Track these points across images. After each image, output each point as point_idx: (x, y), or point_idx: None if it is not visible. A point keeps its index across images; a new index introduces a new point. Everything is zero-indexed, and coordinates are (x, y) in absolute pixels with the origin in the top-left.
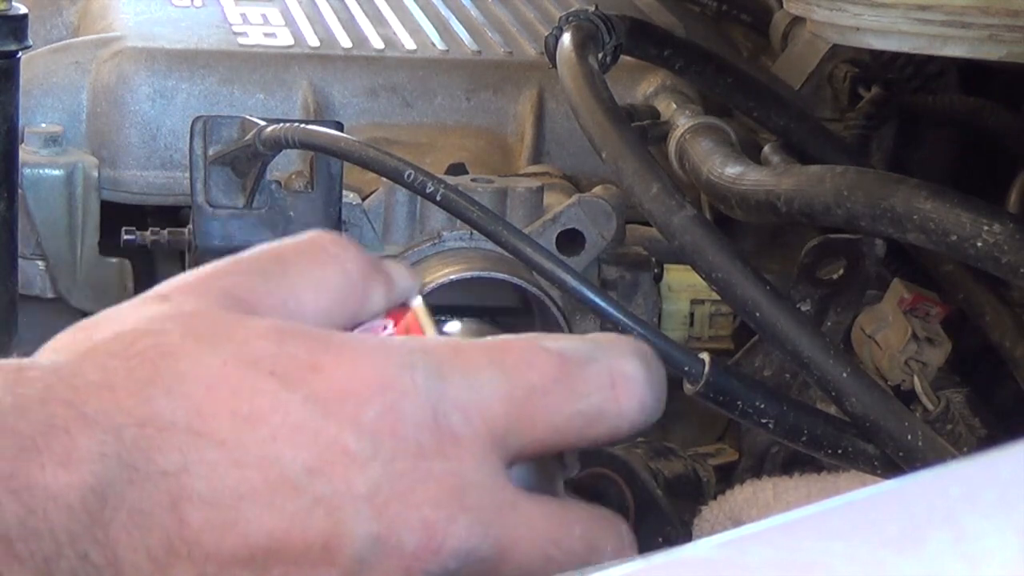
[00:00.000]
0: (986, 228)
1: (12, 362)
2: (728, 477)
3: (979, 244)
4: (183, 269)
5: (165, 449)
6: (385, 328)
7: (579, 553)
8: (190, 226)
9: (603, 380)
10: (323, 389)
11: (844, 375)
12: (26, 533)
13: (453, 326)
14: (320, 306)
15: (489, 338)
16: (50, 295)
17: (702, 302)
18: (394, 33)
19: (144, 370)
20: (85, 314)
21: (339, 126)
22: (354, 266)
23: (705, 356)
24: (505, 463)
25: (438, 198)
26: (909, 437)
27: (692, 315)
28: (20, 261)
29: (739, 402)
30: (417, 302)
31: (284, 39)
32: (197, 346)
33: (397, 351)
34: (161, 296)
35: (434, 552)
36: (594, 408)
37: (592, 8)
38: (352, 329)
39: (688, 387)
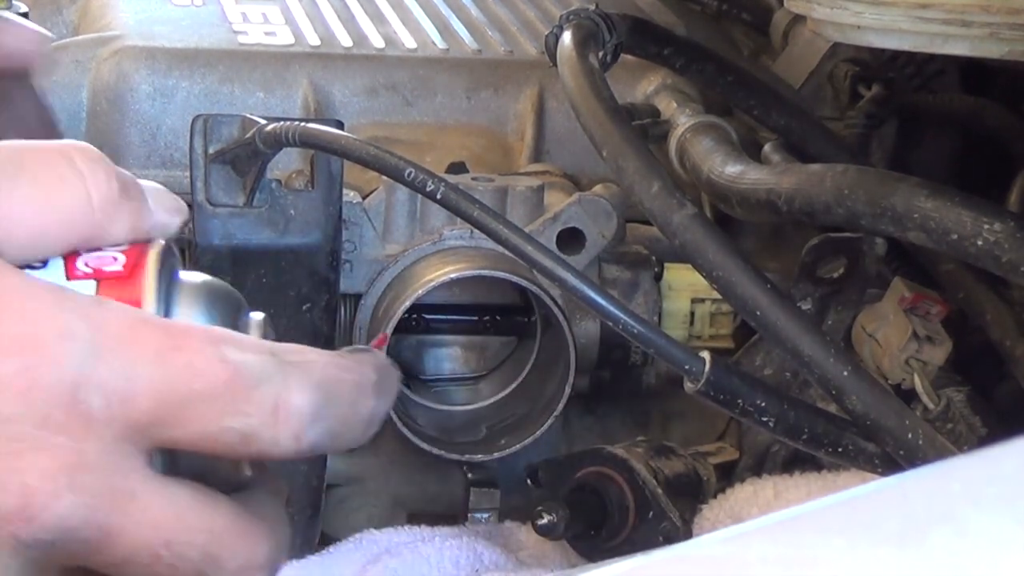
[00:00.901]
0: (987, 227)
1: None
2: (729, 476)
3: (979, 243)
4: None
5: None
6: (115, 260)
7: (193, 560)
8: (190, 224)
9: (266, 405)
10: None
11: (845, 374)
12: None
13: (192, 277)
14: (42, 223)
15: (179, 324)
16: None
17: (702, 301)
18: (394, 32)
19: None
20: None
21: (339, 124)
22: (99, 191)
23: (706, 355)
24: (146, 452)
25: (439, 196)
26: (910, 436)
27: (692, 314)
28: None
29: (740, 400)
30: (156, 247)
31: (284, 38)
32: None
33: (66, 314)
34: None
35: (27, 520)
36: (249, 428)
37: (592, 7)
38: (81, 253)
39: (689, 386)
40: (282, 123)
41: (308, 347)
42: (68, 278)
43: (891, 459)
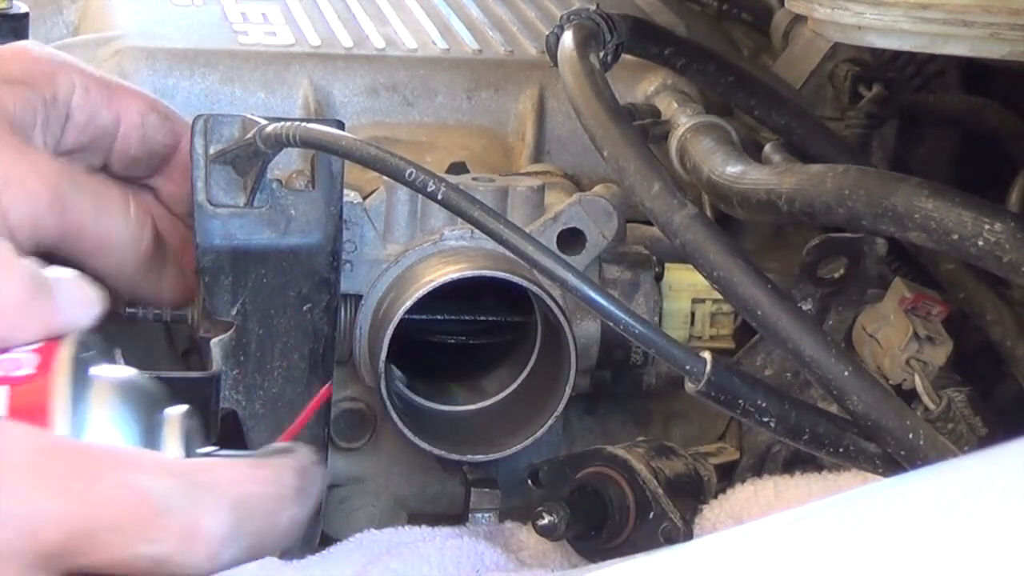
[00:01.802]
0: (987, 227)
1: None
2: (729, 476)
3: (980, 243)
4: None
5: None
6: (23, 365)
7: None
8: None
9: (175, 530)
10: None
11: (845, 374)
12: None
13: (108, 373)
14: None
15: (85, 449)
16: None
17: (703, 301)
18: (395, 32)
19: None
20: None
21: (340, 125)
22: (10, 292)
23: (707, 355)
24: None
25: (439, 197)
26: (911, 436)
27: (693, 314)
28: None
29: (741, 401)
30: (66, 347)
31: (285, 38)
32: None
33: None
34: None
35: None
36: (160, 554)
37: (593, 7)
38: None
39: (690, 386)
40: (283, 123)
41: (224, 461)
42: None
43: (892, 459)
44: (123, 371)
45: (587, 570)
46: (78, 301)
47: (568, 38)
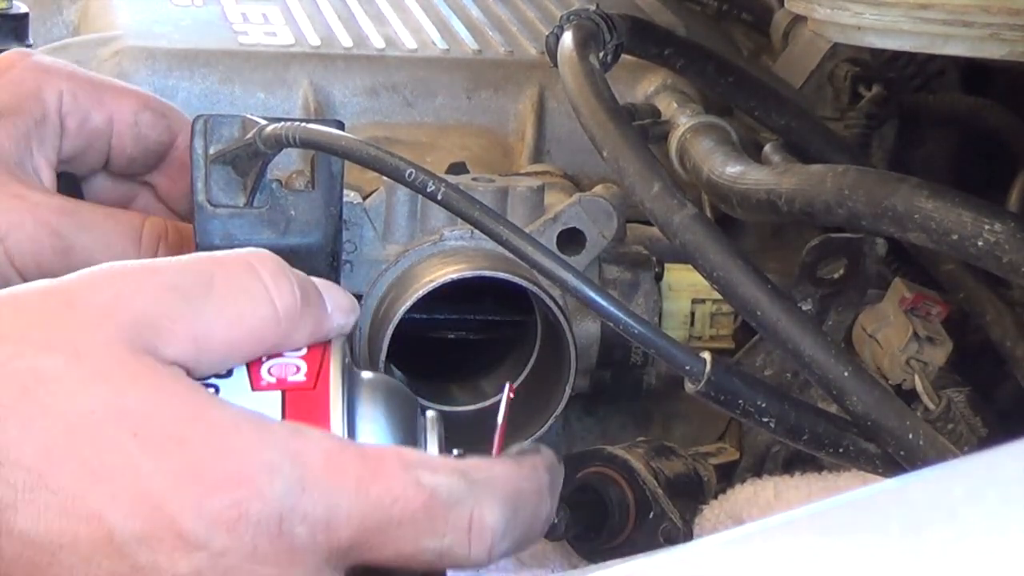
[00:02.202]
0: (987, 227)
1: None
2: (729, 476)
3: (980, 243)
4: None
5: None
6: (297, 369)
7: None
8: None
9: (462, 524)
10: (179, 466)
11: (845, 374)
12: None
13: (371, 377)
14: (232, 340)
15: (374, 450)
16: None
17: (703, 301)
18: (395, 32)
19: (11, 392)
20: None
21: (340, 125)
22: (283, 303)
23: (706, 355)
24: (343, 571)
25: (439, 197)
26: (910, 436)
27: (693, 314)
28: None
29: (740, 401)
30: (337, 347)
31: (285, 38)
32: (74, 382)
33: (271, 448)
34: (68, 300)
35: None
36: (445, 547)
37: (593, 7)
38: (265, 360)
39: (689, 386)
40: (282, 123)
41: (492, 460)
42: (253, 388)
43: (892, 460)
44: (381, 376)
45: (587, 570)
46: (342, 308)
47: (568, 38)
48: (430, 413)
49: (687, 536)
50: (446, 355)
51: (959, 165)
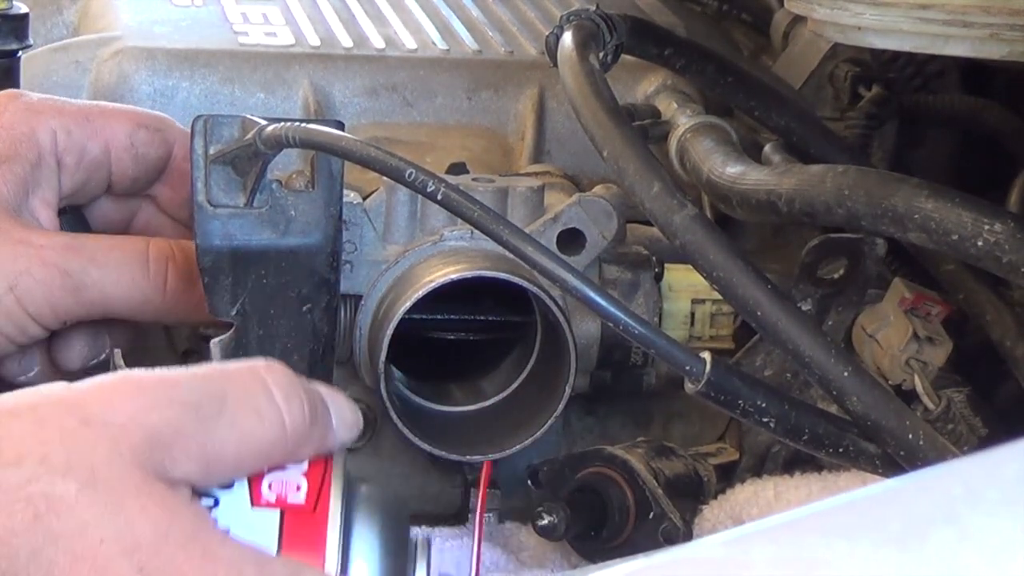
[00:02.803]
0: (987, 227)
1: None
2: (729, 476)
3: (980, 243)
4: None
5: None
6: (298, 489)
7: None
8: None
9: None
10: None
11: (845, 374)
12: None
13: (364, 490)
14: (242, 458)
15: None
16: None
17: (703, 301)
18: (395, 32)
19: (24, 518)
20: None
21: (340, 125)
22: (292, 421)
23: (706, 355)
24: None
25: (439, 197)
26: (910, 436)
27: (693, 315)
28: None
29: (740, 401)
30: (337, 478)
31: (285, 38)
32: (86, 510)
33: None
34: (86, 419)
35: None
36: None
37: (593, 7)
38: (266, 473)
39: (689, 386)
40: (282, 124)
41: None
42: (253, 504)
43: (892, 460)
44: (378, 491)
45: (587, 570)
46: (347, 423)
47: (568, 38)
48: (420, 538)
49: (687, 536)
50: (446, 355)
51: (959, 165)
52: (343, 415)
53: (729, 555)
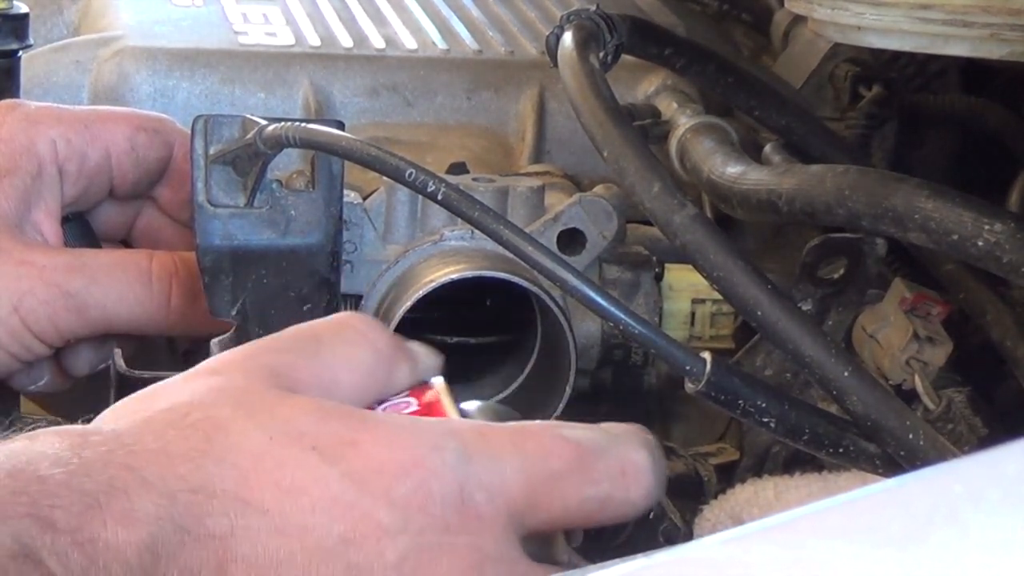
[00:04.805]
0: (987, 227)
1: (77, 428)
2: (729, 476)
3: (980, 243)
4: None
5: (214, 514)
6: (408, 406)
7: None
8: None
9: (615, 469)
10: (360, 465)
11: (845, 374)
12: None
13: (471, 405)
14: (353, 382)
15: (511, 424)
16: None
17: (703, 301)
18: (395, 32)
19: (197, 440)
20: None
21: (340, 125)
22: (383, 345)
23: (707, 355)
24: (520, 538)
25: (439, 197)
26: (911, 436)
27: (693, 315)
28: None
29: (741, 401)
30: (439, 381)
31: (285, 38)
32: (246, 421)
33: (429, 432)
34: (212, 370)
35: None
36: (604, 494)
37: (593, 7)
38: (378, 404)
39: (690, 386)
40: (283, 124)
41: (614, 423)
42: None
43: (892, 460)
44: (489, 404)
45: (587, 570)
46: (427, 354)
47: (568, 38)
48: None
49: (687, 536)
50: (446, 355)
51: (959, 165)
52: (421, 347)
53: (729, 555)
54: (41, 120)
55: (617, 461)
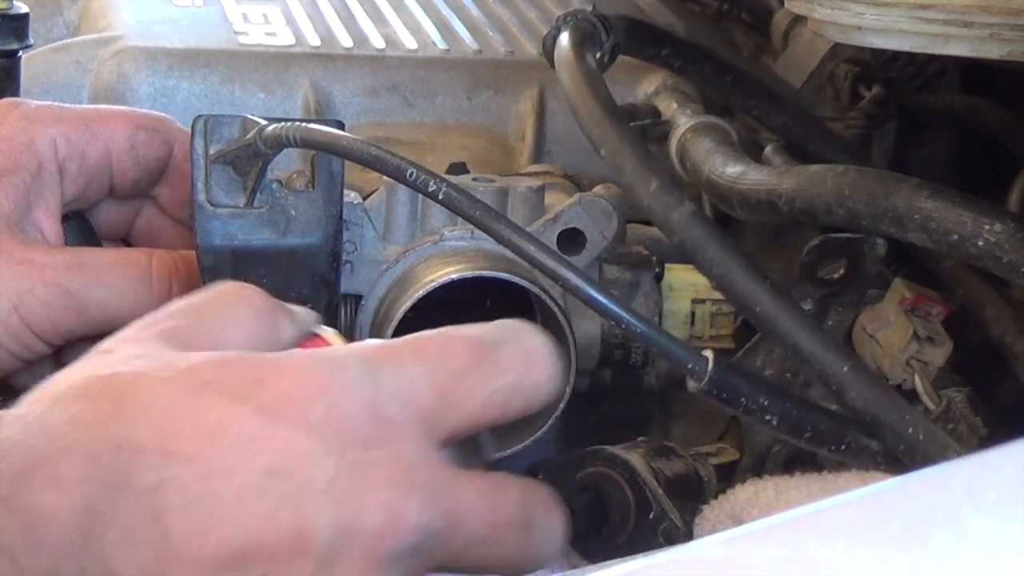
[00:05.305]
0: (987, 227)
1: None
2: (729, 476)
3: (980, 243)
4: None
5: (140, 470)
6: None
7: (517, 518)
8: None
9: (516, 358)
10: (269, 398)
11: (844, 369)
12: (28, 548)
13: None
14: (239, 340)
15: (407, 336)
16: None
17: (703, 301)
18: (395, 32)
19: (108, 405)
20: None
21: (340, 125)
22: (261, 303)
23: (708, 353)
24: (438, 444)
25: (440, 197)
26: (910, 431)
27: (693, 314)
28: None
29: (743, 399)
30: (329, 330)
31: (285, 38)
32: (149, 380)
33: (330, 357)
34: (105, 350)
35: (396, 530)
36: (511, 383)
37: (589, 8)
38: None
39: (692, 384)
40: (283, 124)
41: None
42: None
43: (893, 456)
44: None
45: (587, 570)
46: (305, 311)
47: (564, 39)
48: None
49: (687, 536)
50: None
51: (959, 165)
52: (297, 307)
53: (729, 555)
54: (41, 119)
55: (517, 350)
